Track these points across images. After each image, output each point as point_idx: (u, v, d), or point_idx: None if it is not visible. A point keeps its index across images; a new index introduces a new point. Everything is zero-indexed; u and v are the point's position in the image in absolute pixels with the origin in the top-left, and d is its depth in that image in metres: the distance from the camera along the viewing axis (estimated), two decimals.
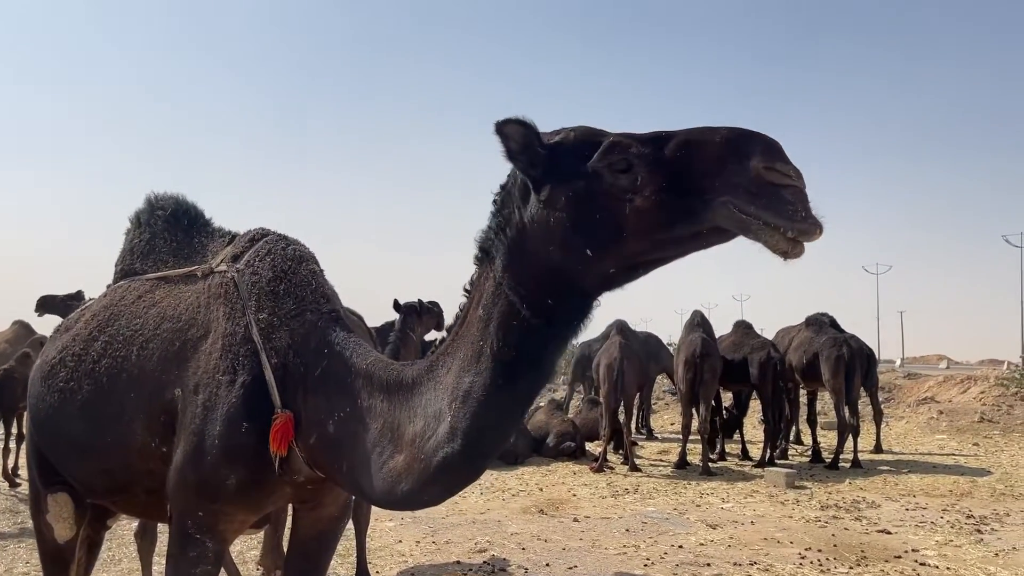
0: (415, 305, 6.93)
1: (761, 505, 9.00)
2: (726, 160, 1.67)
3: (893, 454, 12.96)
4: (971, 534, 7.66)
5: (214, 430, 2.38)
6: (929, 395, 18.49)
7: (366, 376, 2.34)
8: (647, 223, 1.76)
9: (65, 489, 2.98)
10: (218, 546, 2.45)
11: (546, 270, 1.91)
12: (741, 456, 12.56)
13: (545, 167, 1.86)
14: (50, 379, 2.89)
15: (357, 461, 2.29)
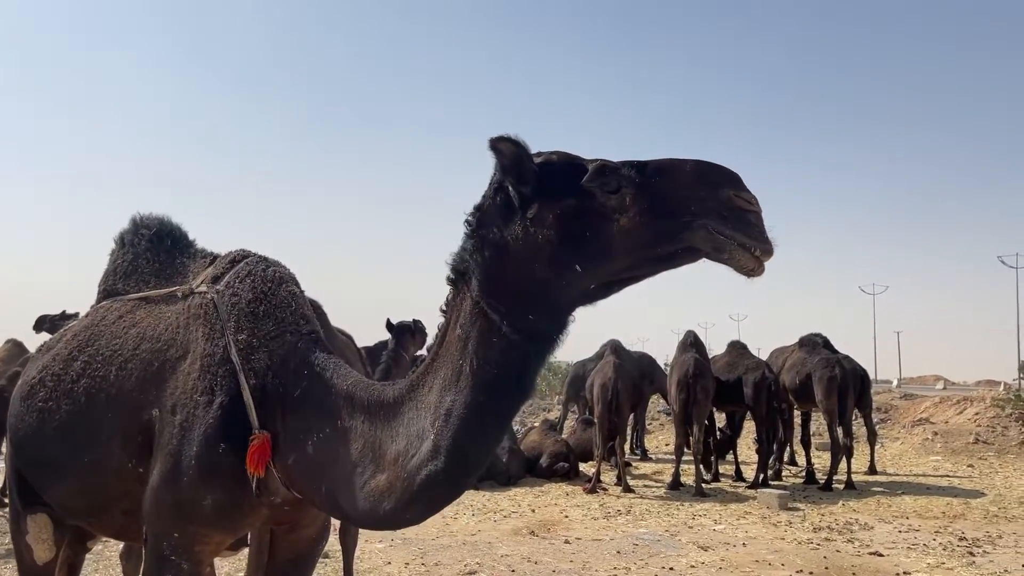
0: (408, 325, 6.94)
1: (754, 527, 8.96)
2: (700, 187, 1.86)
3: (887, 475, 12.93)
4: (963, 556, 7.63)
5: (191, 450, 2.37)
6: (925, 416, 18.46)
7: (347, 397, 2.34)
8: (633, 241, 1.90)
9: (45, 510, 2.97)
10: (194, 568, 2.43)
11: (528, 286, 1.98)
12: (735, 477, 12.52)
13: (534, 185, 1.94)
14: (29, 399, 2.88)
15: (337, 481, 2.29)
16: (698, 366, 11.34)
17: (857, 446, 13.60)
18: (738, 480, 12.36)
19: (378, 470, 2.20)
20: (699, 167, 1.89)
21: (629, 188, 1.88)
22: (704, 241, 1.85)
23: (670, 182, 1.88)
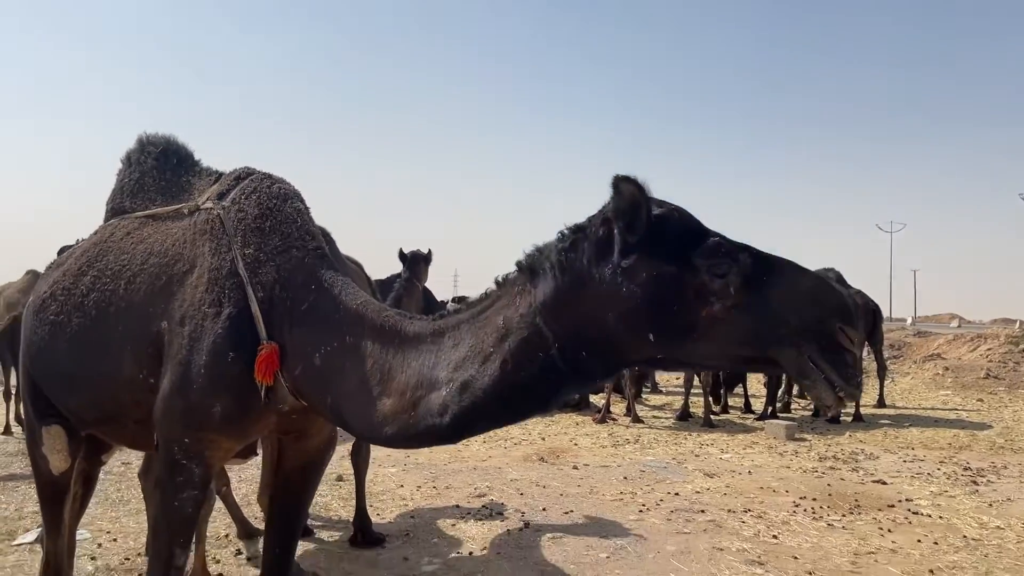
0: (422, 254, 6.97)
1: (760, 456, 9.10)
2: (811, 307, 1.74)
3: (896, 409, 13.02)
4: (966, 485, 7.74)
5: (200, 360, 2.44)
6: (937, 352, 18.49)
7: (356, 315, 2.39)
8: (719, 333, 1.79)
9: (58, 422, 3.07)
10: (205, 472, 2.52)
11: (595, 330, 1.89)
12: (744, 409, 12.65)
13: (642, 236, 1.81)
14: (41, 312, 2.97)
15: (342, 395, 2.35)
16: None
17: (867, 380, 13.64)
18: (747, 412, 12.50)
19: (384, 393, 2.25)
20: (818, 286, 1.80)
21: (736, 277, 1.77)
22: (792, 361, 1.77)
23: (781, 289, 1.77)
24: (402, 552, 5.43)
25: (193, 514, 2.55)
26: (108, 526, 5.72)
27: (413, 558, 5.32)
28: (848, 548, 5.69)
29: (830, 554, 5.54)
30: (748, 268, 1.76)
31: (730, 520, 6.35)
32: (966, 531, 6.17)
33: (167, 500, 2.51)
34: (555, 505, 6.65)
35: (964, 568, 5.31)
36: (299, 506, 2.88)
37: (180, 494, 2.50)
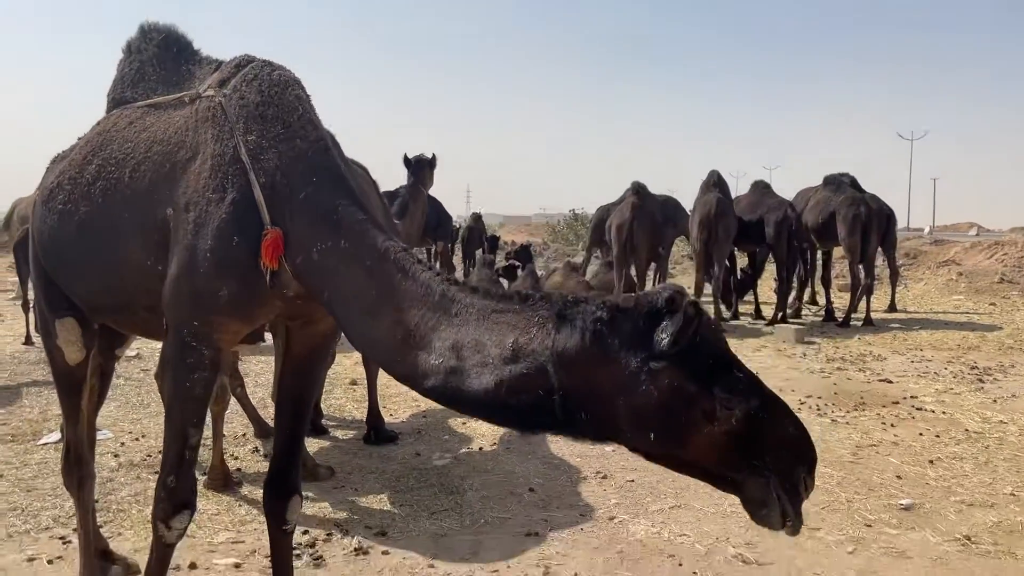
0: (426, 159, 6.92)
1: (768, 358, 9.21)
2: (787, 451, 1.90)
3: (907, 313, 13.04)
4: (972, 383, 7.82)
5: (205, 244, 2.47)
6: (952, 259, 18.36)
7: (356, 225, 2.40)
8: (707, 450, 1.91)
9: (71, 314, 3.14)
10: (214, 354, 2.57)
11: (601, 404, 1.93)
12: (754, 316, 12.71)
13: (680, 350, 1.85)
14: (49, 202, 3.00)
15: (336, 298, 2.40)
16: (720, 205, 11.29)
17: (879, 286, 13.65)
18: (757, 318, 12.56)
19: (375, 318, 2.27)
20: (800, 437, 1.93)
21: (739, 412, 1.85)
22: (757, 488, 1.90)
23: (772, 431, 1.89)
24: (414, 448, 5.60)
25: (204, 395, 2.61)
26: (129, 427, 5.91)
27: (425, 453, 5.49)
28: (850, 441, 5.81)
29: (832, 447, 5.66)
30: (750, 405, 1.86)
31: None
32: (968, 425, 6.27)
33: (178, 382, 2.57)
34: None
35: (964, 459, 5.42)
36: (307, 391, 2.95)
37: (191, 375, 2.55)
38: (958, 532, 4.13)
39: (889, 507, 4.50)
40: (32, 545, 3.79)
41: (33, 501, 4.34)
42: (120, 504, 4.36)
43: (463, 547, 3.91)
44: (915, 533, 4.14)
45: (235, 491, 4.63)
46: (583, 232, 30.19)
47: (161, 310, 2.65)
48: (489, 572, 3.62)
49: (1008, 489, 4.80)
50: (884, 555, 3.87)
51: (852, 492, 4.74)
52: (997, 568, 3.73)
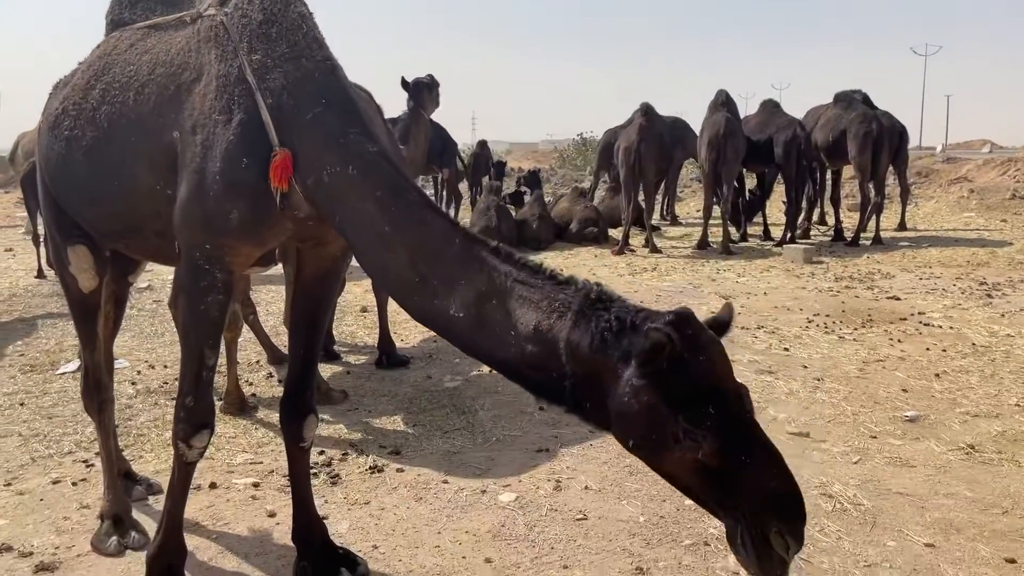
0: (425, 81, 6.82)
1: (776, 278, 9.21)
2: (765, 505, 1.83)
3: (917, 232, 12.97)
4: (980, 298, 7.83)
5: (214, 167, 2.45)
6: (964, 176, 18.13)
7: (368, 156, 2.39)
8: (681, 471, 1.92)
9: (83, 241, 3.15)
10: (226, 277, 2.58)
11: (600, 402, 1.98)
12: (762, 237, 12.67)
13: (656, 373, 1.87)
14: (56, 128, 2.99)
15: (349, 224, 2.40)
16: (729, 125, 11.14)
17: (889, 205, 13.54)
18: (766, 239, 12.52)
19: (390, 253, 2.30)
20: (785, 489, 1.86)
21: (709, 447, 1.83)
22: (729, 528, 1.89)
23: (751, 475, 1.85)
24: (425, 372, 5.68)
25: (219, 318, 2.62)
26: (145, 356, 6.00)
27: (436, 376, 5.57)
28: (857, 357, 5.86)
29: (839, 363, 5.72)
30: (729, 442, 1.84)
31: (743, 336, 6.52)
32: (975, 339, 6.30)
33: (193, 305, 2.58)
34: None
35: (970, 372, 5.47)
36: (320, 312, 2.98)
37: (204, 298, 2.56)
38: (962, 441, 4.20)
39: (894, 419, 4.57)
40: (56, 469, 3.90)
41: (55, 428, 4.45)
42: (140, 429, 4.47)
43: (476, 463, 4.00)
44: (919, 443, 4.21)
45: (251, 415, 4.73)
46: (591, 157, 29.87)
47: (172, 234, 2.65)
48: (502, 486, 3.72)
49: (1013, 400, 4.86)
50: (888, 464, 3.94)
51: (858, 406, 4.80)
52: (999, 475, 3.80)
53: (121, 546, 3.08)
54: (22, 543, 3.14)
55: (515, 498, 3.59)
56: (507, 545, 3.18)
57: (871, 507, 3.45)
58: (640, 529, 3.28)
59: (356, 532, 3.28)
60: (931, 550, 3.09)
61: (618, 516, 3.40)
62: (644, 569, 2.97)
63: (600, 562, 3.03)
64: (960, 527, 3.28)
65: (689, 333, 1.88)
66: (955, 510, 3.43)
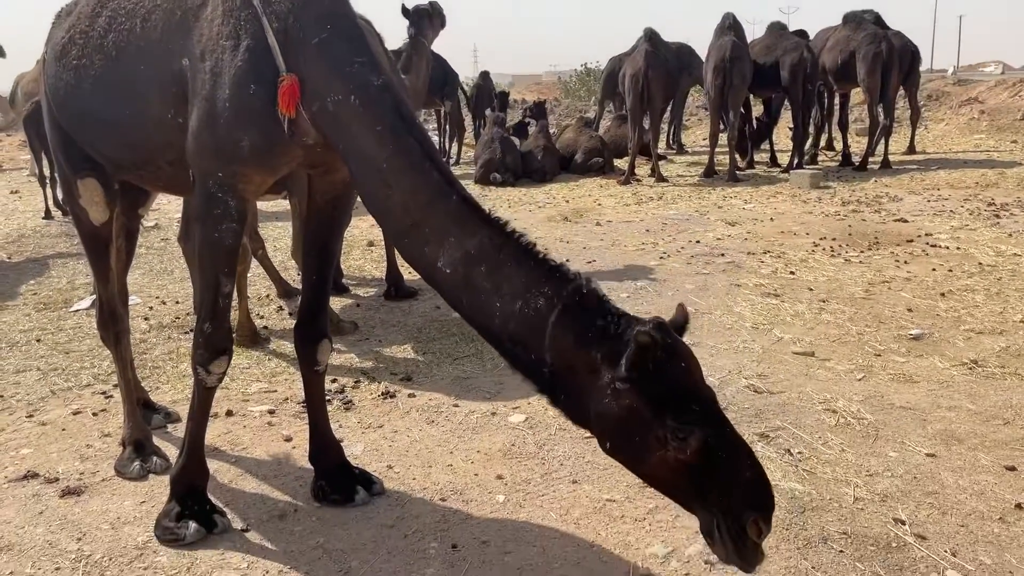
0: (426, 8, 6.68)
1: (783, 204, 9.18)
2: (739, 490, 1.92)
3: (926, 155, 12.84)
4: (988, 219, 7.81)
5: (223, 94, 2.45)
6: (975, 97, 17.83)
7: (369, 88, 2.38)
8: (660, 472, 1.98)
9: (92, 175, 3.16)
10: (240, 204, 2.58)
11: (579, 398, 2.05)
12: (769, 163, 12.57)
13: (638, 375, 1.92)
14: (63, 58, 2.97)
15: (351, 155, 2.41)
16: (735, 49, 10.94)
17: (898, 128, 13.39)
18: (773, 166, 12.42)
19: (387, 190, 2.33)
20: (756, 479, 1.94)
21: (695, 444, 1.90)
22: (704, 522, 1.97)
23: (728, 469, 1.92)
24: (434, 302, 5.72)
25: (234, 245, 2.59)
26: (156, 292, 6.07)
27: (444, 307, 5.51)
28: (863, 279, 5.88)
29: (845, 285, 5.74)
30: (710, 440, 1.91)
31: (749, 261, 6.54)
32: (982, 259, 6.31)
33: (208, 233, 2.59)
34: (578, 256, 6.86)
35: (976, 290, 5.50)
36: (331, 240, 2.99)
37: (219, 226, 2.54)
38: (965, 357, 4.25)
39: (899, 338, 4.61)
40: (76, 400, 3.99)
41: (72, 362, 4.54)
42: (155, 362, 4.55)
43: (485, 388, 4.08)
44: (923, 360, 4.26)
45: (264, 346, 4.81)
46: (595, 87, 29.45)
47: (184, 163, 2.66)
48: (511, 408, 3.79)
49: (1018, 316, 4.89)
50: (892, 380, 4.00)
51: (863, 326, 4.84)
52: (1002, 388, 3.86)
53: (144, 470, 3.18)
54: (47, 470, 3.24)
55: (524, 419, 3.67)
56: (518, 463, 3.26)
57: (874, 421, 3.52)
58: None
59: (371, 454, 3.37)
60: (932, 459, 3.17)
61: None
62: None
63: (608, 476, 3.11)
64: (961, 438, 3.35)
65: (669, 339, 1.95)
66: (956, 422, 3.50)
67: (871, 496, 2.91)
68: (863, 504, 2.86)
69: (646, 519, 2.81)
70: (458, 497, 3.01)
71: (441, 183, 2.29)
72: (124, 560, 2.62)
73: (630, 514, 2.85)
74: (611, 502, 2.93)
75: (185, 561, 2.61)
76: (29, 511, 2.94)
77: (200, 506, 2.77)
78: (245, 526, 2.81)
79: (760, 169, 12.33)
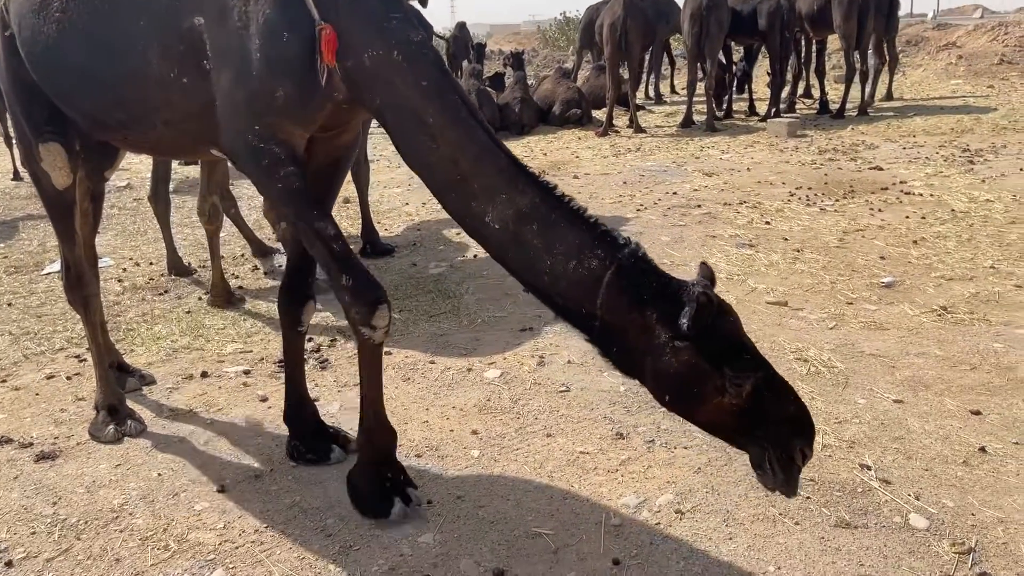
0: None
1: (760, 154, 9.16)
2: (787, 425, 2.07)
3: (904, 101, 12.82)
4: (963, 165, 7.84)
5: (254, 45, 2.34)
6: (953, 42, 17.77)
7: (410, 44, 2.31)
8: (715, 416, 2.11)
9: (56, 139, 3.07)
10: (287, 148, 2.44)
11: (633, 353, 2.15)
12: (748, 113, 12.51)
13: (697, 332, 2.03)
14: (43, 11, 2.78)
15: (390, 110, 2.33)
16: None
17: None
18: (751, 115, 12.36)
19: (432, 144, 2.28)
20: (800, 413, 2.08)
21: (747, 387, 2.03)
22: (755, 455, 2.12)
23: (774, 407, 2.06)
24: (410, 259, 5.72)
25: (302, 186, 2.44)
26: (130, 254, 6.01)
27: (421, 263, 5.61)
28: (838, 227, 5.91)
29: (819, 233, 5.77)
30: (760, 383, 2.05)
31: (725, 212, 6.55)
32: (955, 205, 6.35)
33: (272, 185, 2.47)
34: None
35: (948, 237, 5.54)
36: (326, 200, 2.88)
37: (277, 174, 2.42)
38: (935, 304, 4.31)
39: (871, 286, 4.66)
40: (49, 364, 3.97)
41: (44, 326, 4.50)
42: (129, 324, 4.52)
43: (462, 344, 4.09)
44: (894, 307, 4.31)
45: (239, 307, 4.79)
46: (574, 36, 29.06)
47: (181, 124, 2.59)
48: (487, 364, 3.82)
49: (988, 263, 4.95)
50: (862, 328, 4.05)
51: (836, 274, 4.88)
52: (969, 333, 3.92)
53: (119, 433, 3.18)
54: (21, 435, 3.24)
55: (500, 375, 3.69)
56: (493, 418, 3.29)
57: (844, 369, 3.57)
58: (620, 398, 3.39)
59: (346, 412, 3.39)
60: (899, 405, 3.23)
61: (599, 387, 3.51)
62: (624, 434, 3.10)
63: (582, 429, 3.15)
64: (928, 383, 3.41)
65: (719, 298, 2.08)
66: (924, 368, 3.55)
67: (839, 443, 2.97)
68: (831, 451, 2.91)
69: (618, 470, 2.86)
70: (433, 453, 3.04)
71: (488, 141, 2.29)
72: (100, 523, 2.64)
73: (603, 466, 2.89)
74: (584, 454, 2.97)
75: (161, 522, 2.63)
76: (3, 476, 2.94)
77: (396, 474, 2.68)
78: (221, 486, 2.83)
79: (738, 119, 12.28)
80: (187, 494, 2.79)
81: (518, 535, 2.51)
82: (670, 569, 2.32)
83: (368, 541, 2.51)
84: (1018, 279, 4.62)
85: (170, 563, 2.43)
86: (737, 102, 12.97)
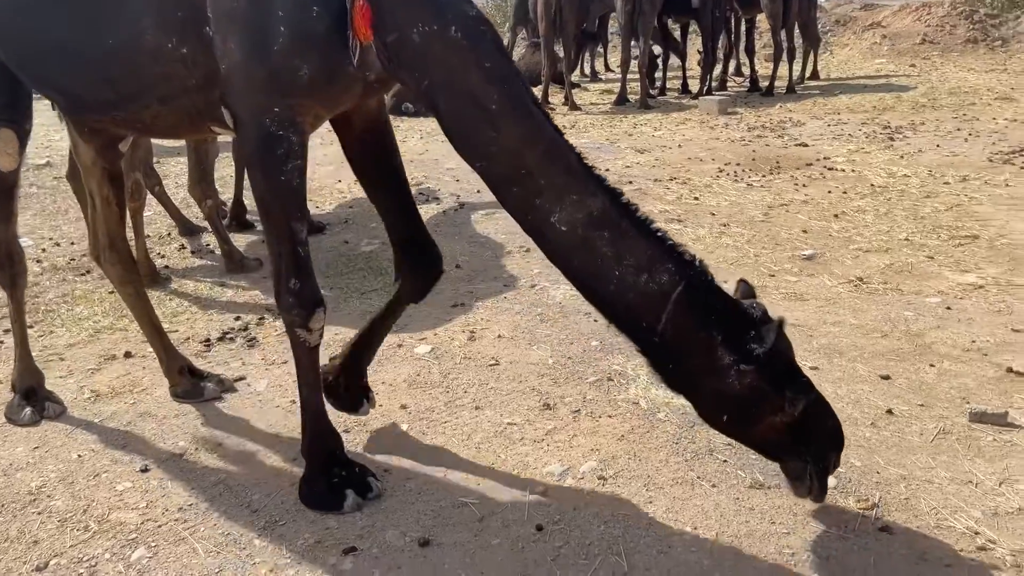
0: None
1: (691, 131, 9.31)
2: (825, 440, 2.24)
3: (830, 79, 13.16)
4: (883, 142, 8.11)
5: (276, 17, 2.15)
6: (878, 22, 18.25)
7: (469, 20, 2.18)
8: (767, 435, 2.21)
9: (10, 126, 2.93)
10: (301, 139, 2.29)
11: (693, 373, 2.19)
12: (681, 90, 12.68)
13: (763, 362, 2.09)
14: None
15: (442, 88, 2.18)
16: None
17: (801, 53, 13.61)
18: (683, 93, 12.54)
19: (494, 132, 2.15)
20: (837, 427, 2.25)
21: (800, 407, 2.13)
22: (795, 469, 2.26)
23: (818, 424, 2.20)
24: (342, 237, 5.67)
25: (301, 185, 2.32)
26: (49, 234, 5.82)
27: (352, 241, 5.57)
28: (763, 203, 6.06)
29: (746, 208, 5.92)
30: (808, 406, 2.15)
31: (656, 188, 6.65)
32: (875, 180, 6.57)
33: (273, 177, 2.28)
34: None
35: (866, 211, 5.74)
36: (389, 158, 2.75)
37: (284, 167, 2.26)
38: (852, 275, 4.47)
39: (793, 258, 4.81)
40: None
41: None
42: (48, 305, 4.40)
43: None
44: (813, 279, 4.46)
45: (165, 286, 4.69)
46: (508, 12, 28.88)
47: (178, 100, 2.42)
48: (418, 339, 3.83)
49: (903, 235, 5.14)
50: (784, 299, 4.18)
51: (760, 247, 5.02)
52: (882, 302, 4.08)
53: (37, 416, 3.10)
54: None
55: (430, 350, 3.71)
56: (422, 392, 3.32)
57: None
58: (548, 370, 3.45)
59: (274, 389, 3.37)
60: (815, 372, 3.34)
61: (528, 360, 3.56)
62: (551, 405, 3.15)
63: (510, 401, 3.19)
64: (842, 351, 3.55)
65: (781, 322, 2.17)
66: (839, 336, 3.69)
67: None
68: None
69: (544, 440, 2.91)
70: (362, 428, 3.05)
71: (556, 136, 2.19)
72: (17, 506, 2.58)
73: (529, 436, 2.94)
74: (511, 425, 3.02)
75: (81, 503, 2.58)
76: None
77: (349, 470, 2.57)
78: (144, 467, 2.79)
79: (671, 96, 12.44)
80: (108, 475, 2.75)
81: (444, 505, 2.55)
82: (591, 533, 2.39)
83: (294, 516, 2.51)
84: (930, 250, 4.83)
85: (90, 543, 2.40)
86: (670, 80, 13.14)
